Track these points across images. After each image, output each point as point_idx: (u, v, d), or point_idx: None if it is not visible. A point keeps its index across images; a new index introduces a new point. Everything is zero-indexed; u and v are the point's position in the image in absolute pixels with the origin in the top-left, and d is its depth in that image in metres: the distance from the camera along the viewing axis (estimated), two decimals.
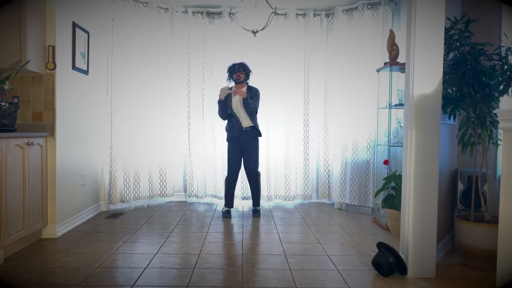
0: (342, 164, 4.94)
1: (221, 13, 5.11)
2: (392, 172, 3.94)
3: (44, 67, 3.45)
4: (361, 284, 2.58)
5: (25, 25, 3.17)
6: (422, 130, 2.64)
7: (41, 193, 3.37)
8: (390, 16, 4.68)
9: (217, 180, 5.19)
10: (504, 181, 2.04)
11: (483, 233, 2.77)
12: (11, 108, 3.11)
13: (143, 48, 4.84)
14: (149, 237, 3.57)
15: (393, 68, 3.99)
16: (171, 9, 5.06)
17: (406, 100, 2.75)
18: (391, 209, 3.67)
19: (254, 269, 2.81)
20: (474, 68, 2.81)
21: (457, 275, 2.77)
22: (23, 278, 2.58)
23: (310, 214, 4.64)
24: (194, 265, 2.86)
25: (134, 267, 2.82)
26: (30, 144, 3.16)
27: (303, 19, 5.14)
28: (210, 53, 5.13)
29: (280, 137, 5.20)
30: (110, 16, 4.59)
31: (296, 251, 3.21)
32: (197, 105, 5.16)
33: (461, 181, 3.34)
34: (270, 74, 5.14)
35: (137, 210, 4.73)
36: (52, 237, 3.48)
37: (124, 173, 4.75)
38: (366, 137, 4.69)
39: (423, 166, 2.65)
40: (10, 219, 2.89)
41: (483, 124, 2.86)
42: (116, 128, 4.67)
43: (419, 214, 2.66)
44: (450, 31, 2.88)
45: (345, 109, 4.87)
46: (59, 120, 3.54)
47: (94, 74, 4.32)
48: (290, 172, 5.21)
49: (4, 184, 2.81)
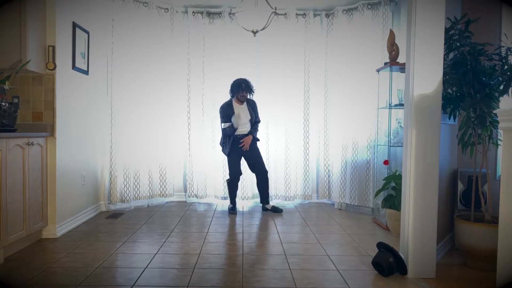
0: (342, 164, 4.94)
1: (221, 13, 5.11)
2: (392, 172, 3.94)
3: (44, 67, 3.45)
4: (361, 284, 2.58)
5: (25, 25, 3.17)
6: (422, 130, 2.64)
7: (41, 193, 3.37)
8: (390, 16, 4.68)
9: (217, 180, 5.19)
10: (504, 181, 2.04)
11: (483, 233, 2.77)
12: (11, 108, 3.11)
13: (143, 48, 4.84)
14: (149, 237, 3.57)
15: (393, 68, 3.99)
16: (171, 9, 5.06)
17: (406, 100, 2.75)
18: (391, 209, 3.67)
19: (254, 269, 2.81)
20: (474, 68, 2.81)
21: (457, 275, 2.77)
22: (23, 278, 2.58)
23: (310, 214, 4.64)
24: (194, 265, 2.86)
25: (134, 267, 2.82)
26: (30, 144, 3.16)
27: (303, 19, 5.14)
28: (210, 53, 5.12)
29: (280, 137, 5.20)
30: (110, 16, 4.59)
31: (296, 251, 3.21)
32: (197, 105, 5.16)
33: (461, 181, 3.34)
34: (270, 74, 5.14)
35: (137, 210, 4.73)
36: (52, 237, 3.48)
37: (124, 173, 4.75)
38: (366, 137, 4.69)
39: (423, 166, 2.65)
40: (10, 219, 2.89)
41: (483, 124, 2.86)
42: (116, 128, 4.67)
43: (419, 214, 2.66)
44: (450, 31, 2.87)
45: (345, 109, 4.87)
46: (59, 120, 3.54)
47: (94, 74, 4.32)
48: (290, 172, 5.21)
49: (4, 184, 2.81)
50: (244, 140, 4.59)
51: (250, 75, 5.07)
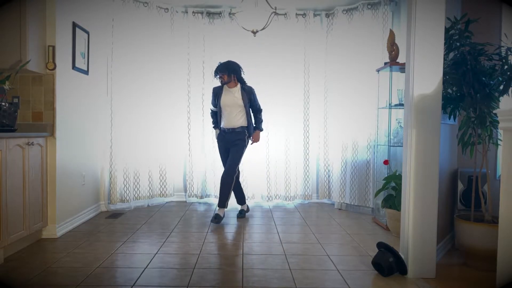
0: (342, 164, 4.94)
1: (221, 13, 5.11)
2: (392, 172, 3.94)
3: (44, 67, 3.45)
4: (361, 284, 2.58)
5: (25, 25, 3.17)
6: (422, 130, 2.64)
7: (41, 193, 3.37)
8: (390, 16, 4.68)
9: (217, 180, 5.17)
10: (504, 181, 2.03)
11: (483, 233, 2.77)
12: (11, 108, 3.11)
13: (143, 48, 4.84)
14: (149, 237, 3.57)
15: (393, 68, 3.99)
16: (171, 9, 5.06)
17: (406, 100, 2.75)
18: (391, 209, 3.67)
19: (254, 269, 2.81)
20: (474, 68, 2.81)
21: (457, 275, 2.77)
22: (23, 278, 2.58)
23: (310, 214, 4.64)
24: (194, 265, 2.86)
25: (134, 267, 2.82)
26: (30, 144, 3.16)
27: (303, 19, 5.14)
28: (210, 53, 5.12)
29: (280, 137, 5.20)
30: (110, 16, 4.59)
31: (296, 251, 3.21)
32: (197, 105, 5.16)
33: (461, 181, 3.34)
34: (270, 74, 5.14)
35: (137, 210, 4.73)
36: (52, 237, 3.48)
37: (124, 173, 4.75)
38: (366, 137, 4.69)
39: (423, 166, 2.65)
40: (10, 219, 2.89)
41: (483, 124, 2.86)
42: (116, 128, 4.67)
43: (419, 214, 2.66)
44: (450, 31, 2.87)
45: (345, 109, 4.87)
46: (59, 120, 3.54)
47: (94, 74, 4.32)
48: (290, 172, 5.21)
49: (4, 184, 2.81)
50: (253, 138, 4.34)
51: (250, 75, 5.07)
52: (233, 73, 4.22)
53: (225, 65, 4.23)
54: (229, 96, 4.25)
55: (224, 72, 4.21)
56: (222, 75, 4.21)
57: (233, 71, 4.22)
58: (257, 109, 4.40)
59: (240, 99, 4.22)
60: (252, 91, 4.33)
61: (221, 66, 4.23)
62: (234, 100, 4.23)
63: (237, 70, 4.25)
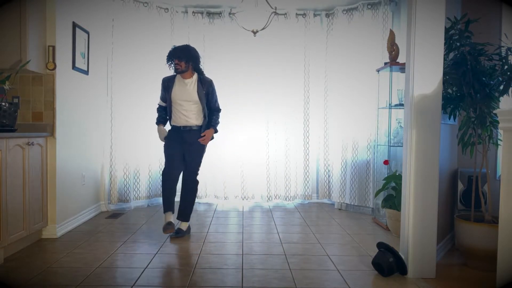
0: (342, 164, 4.94)
1: (221, 13, 5.11)
2: (392, 172, 3.94)
3: (44, 67, 3.45)
4: (361, 284, 2.58)
5: (25, 25, 3.17)
6: (422, 130, 2.64)
7: (41, 193, 3.37)
8: (390, 16, 4.68)
9: (217, 180, 5.19)
10: (504, 181, 2.03)
11: (483, 233, 2.77)
12: (11, 108, 3.11)
13: (143, 48, 4.83)
14: (149, 237, 3.57)
15: (393, 68, 3.99)
16: (171, 9, 5.06)
17: (406, 100, 2.75)
18: (391, 209, 3.67)
19: (254, 269, 2.81)
20: (474, 68, 2.81)
21: (457, 275, 2.77)
22: (23, 278, 2.58)
23: (310, 214, 4.64)
24: (194, 265, 2.86)
25: (134, 267, 2.82)
26: (30, 144, 3.16)
27: (303, 19, 5.14)
28: (210, 53, 5.12)
29: (280, 137, 5.20)
30: (110, 16, 4.59)
31: (296, 251, 3.21)
32: None
33: (461, 181, 3.34)
34: (270, 74, 5.14)
35: (137, 210, 4.73)
36: (52, 237, 3.48)
37: (124, 173, 4.75)
38: (366, 137, 4.69)
39: (423, 166, 2.65)
40: (10, 219, 2.89)
41: (483, 124, 2.86)
42: (116, 128, 4.67)
43: (419, 214, 2.66)
44: (450, 31, 2.87)
45: (345, 109, 4.87)
46: (59, 120, 3.54)
47: (94, 74, 4.32)
48: (290, 172, 5.21)
49: (4, 184, 2.81)
50: (206, 134, 3.57)
51: (250, 75, 5.08)
52: (191, 60, 3.50)
53: (183, 49, 3.49)
54: (182, 88, 3.55)
55: (181, 59, 3.45)
56: (179, 62, 3.46)
57: (193, 58, 3.51)
58: (214, 107, 3.67)
59: (195, 92, 3.52)
60: (212, 84, 3.62)
61: (178, 51, 3.48)
62: (187, 93, 3.53)
63: (197, 57, 3.56)
